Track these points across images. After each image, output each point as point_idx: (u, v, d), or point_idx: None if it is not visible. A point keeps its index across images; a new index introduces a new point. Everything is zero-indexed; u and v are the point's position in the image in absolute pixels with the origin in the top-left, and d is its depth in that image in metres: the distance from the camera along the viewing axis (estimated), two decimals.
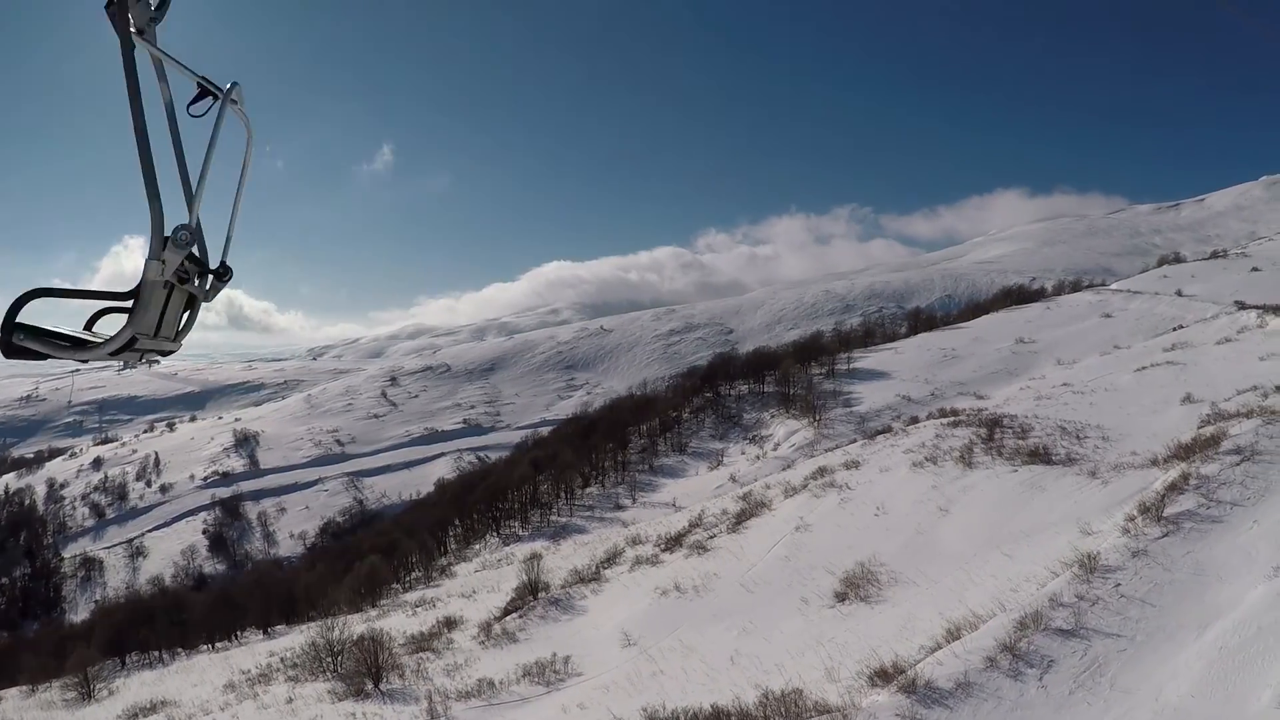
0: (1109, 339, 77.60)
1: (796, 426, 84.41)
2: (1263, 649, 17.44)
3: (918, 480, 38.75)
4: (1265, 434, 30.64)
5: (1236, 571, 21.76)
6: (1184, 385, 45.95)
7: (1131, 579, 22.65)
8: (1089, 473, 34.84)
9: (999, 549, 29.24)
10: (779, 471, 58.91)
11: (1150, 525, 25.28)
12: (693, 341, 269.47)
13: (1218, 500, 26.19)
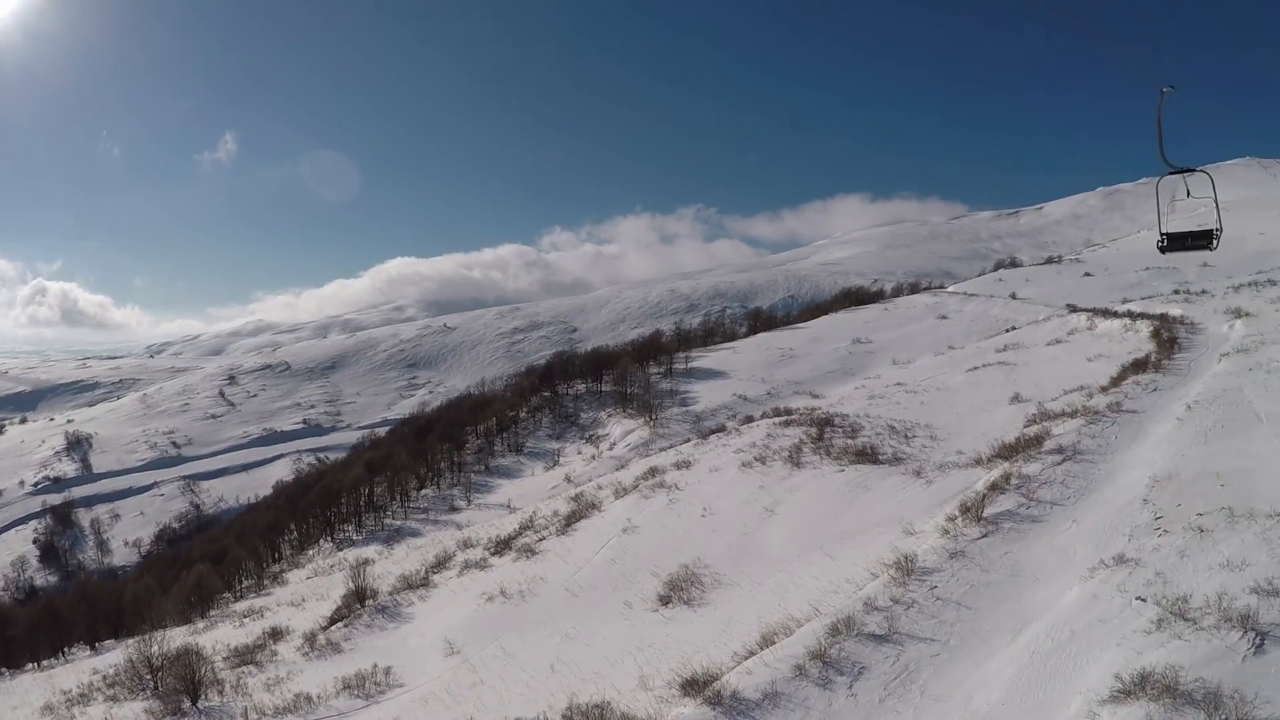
0: (944, 340, 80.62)
1: (632, 426, 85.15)
2: (1075, 653, 17.78)
3: (746, 480, 39.15)
4: (1088, 433, 31.96)
5: (1054, 572, 22.41)
6: (1014, 385, 47.87)
7: (948, 581, 23.05)
8: (914, 472, 35.74)
9: (822, 550, 29.73)
10: (613, 472, 58.84)
11: (970, 526, 25.96)
12: (536, 340, 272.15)
13: (1038, 500, 27.15)
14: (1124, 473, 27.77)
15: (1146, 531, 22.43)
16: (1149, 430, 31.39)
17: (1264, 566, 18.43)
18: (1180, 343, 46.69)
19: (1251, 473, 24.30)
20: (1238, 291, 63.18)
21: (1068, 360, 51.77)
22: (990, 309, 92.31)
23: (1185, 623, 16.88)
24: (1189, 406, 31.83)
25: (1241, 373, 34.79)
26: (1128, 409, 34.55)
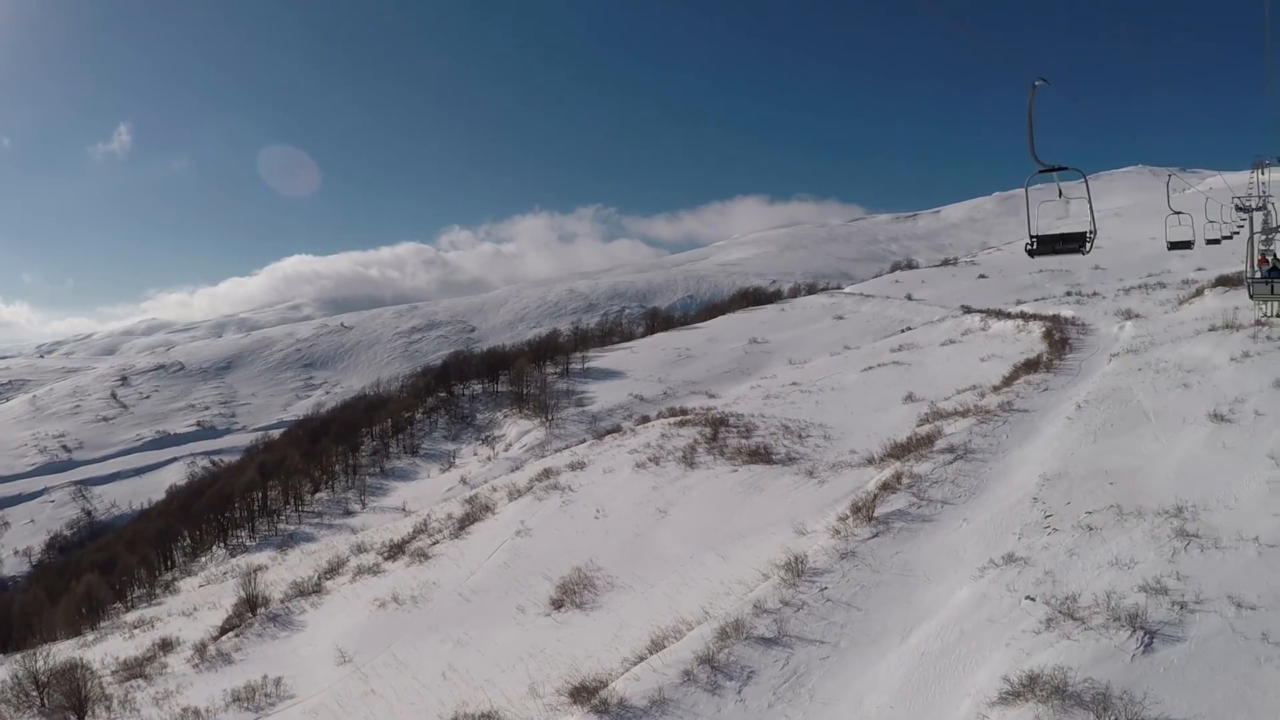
0: (840, 340, 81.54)
1: (529, 427, 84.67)
2: (965, 654, 17.89)
3: (640, 481, 39.01)
4: (979, 432, 32.43)
5: (944, 572, 22.60)
6: (908, 385, 48.54)
7: (839, 582, 23.09)
8: (807, 472, 35.95)
9: (714, 551, 29.75)
10: (508, 473, 58.18)
11: (861, 526, 26.11)
12: (435, 340, 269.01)
13: (929, 499, 27.44)
14: (1015, 471, 28.28)
15: (1036, 530, 22.79)
16: (1040, 429, 32.07)
17: (1152, 564, 18.80)
18: (1071, 343, 47.93)
19: (1140, 471, 24.94)
20: (1128, 294, 65.22)
21: (961, 360, 52.70)
22: (886, 310, 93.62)
23: (1074, 622, 17.10)
24: (1079, 406, 32.58)
25: (1131, 373, 35.73)
26: (1019, 408, 35.28)
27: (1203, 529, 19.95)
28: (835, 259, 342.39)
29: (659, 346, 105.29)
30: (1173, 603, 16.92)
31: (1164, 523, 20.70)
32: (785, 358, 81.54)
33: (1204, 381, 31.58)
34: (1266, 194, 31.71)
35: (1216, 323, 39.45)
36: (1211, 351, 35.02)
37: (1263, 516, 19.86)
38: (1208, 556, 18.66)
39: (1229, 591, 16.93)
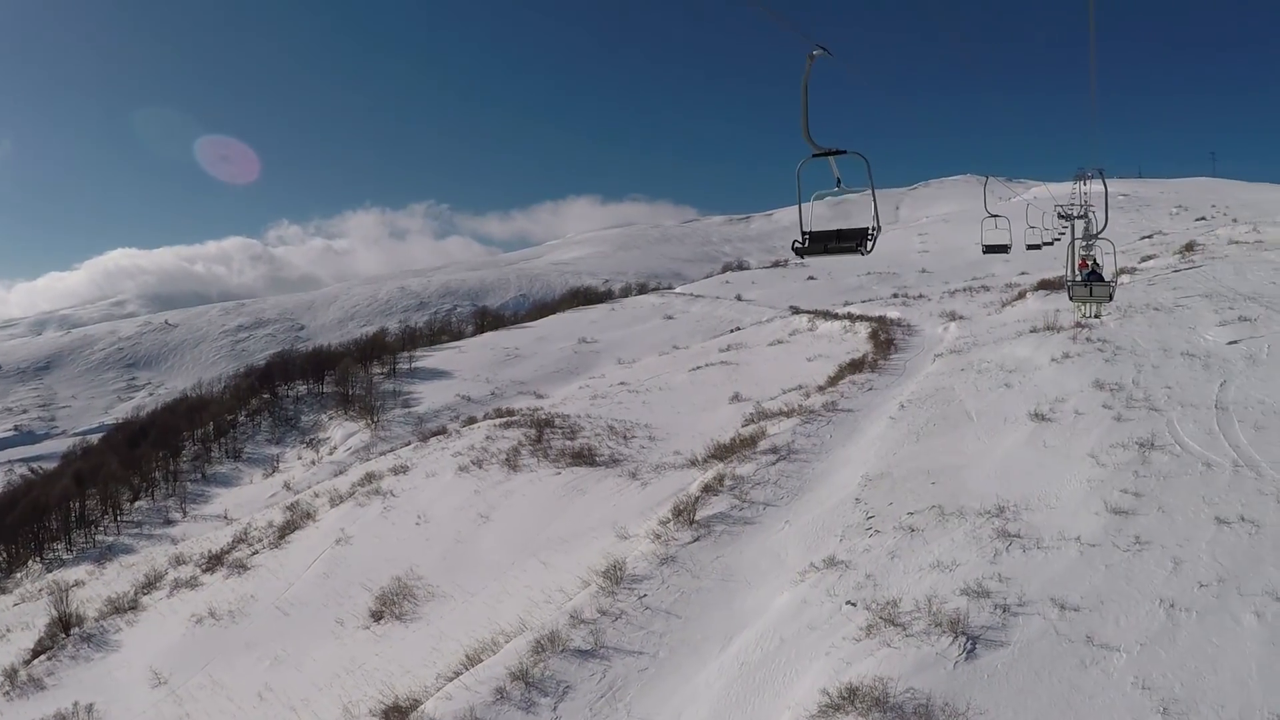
0: (669, 339, 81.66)
1: (354, 429, 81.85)
2: (785, 663, 17.31)
3: (462, 485, 37.68)
4: (803, 432, 32.34)
5: (765, 576, 22.14)
6: (735, 385, 48.41)
7: (659, 589, 22.35)
8: (630, 474, 35.21)
9: (536, 557, 28.85)
10: (331, 478, 55.73)
11: (682, 529, 25.46)
12: (262, 338, 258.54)
13: (751, 501, 27.00)
14: (838, 471, 28.17)
15: (858, 532, 22.53)
16: (863, 429, 32.19)
17: (974, 566, 18.60)
18: (897, 344, 48.76)
19: (962, 470, 25.04)
20: (953, 296, 67.01)
21: (788, 360, 53.01)
22: (716, 310, 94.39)
23: (895, 628, 16.68)
24: (902, 405, 32.84)
25: (954, 373, 36.32)
26: (843, 408, 35.42)
27: (1024, 529, 19.99)
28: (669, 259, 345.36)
29: (488, 346, 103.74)
30: (995, 606, 16.72)
31: (986, 523, 20.69)
32: (614, 357, 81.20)
33: (1025, 382, 32.26)
34: (1088, 203, 32.86)
35: (1038, 324, 40.58)
36: (1033, 352, 35.92)
37: (1084, 515, 20.04)
38: (1030, 557, 18.62)
39: (1052, 593, 16.85)
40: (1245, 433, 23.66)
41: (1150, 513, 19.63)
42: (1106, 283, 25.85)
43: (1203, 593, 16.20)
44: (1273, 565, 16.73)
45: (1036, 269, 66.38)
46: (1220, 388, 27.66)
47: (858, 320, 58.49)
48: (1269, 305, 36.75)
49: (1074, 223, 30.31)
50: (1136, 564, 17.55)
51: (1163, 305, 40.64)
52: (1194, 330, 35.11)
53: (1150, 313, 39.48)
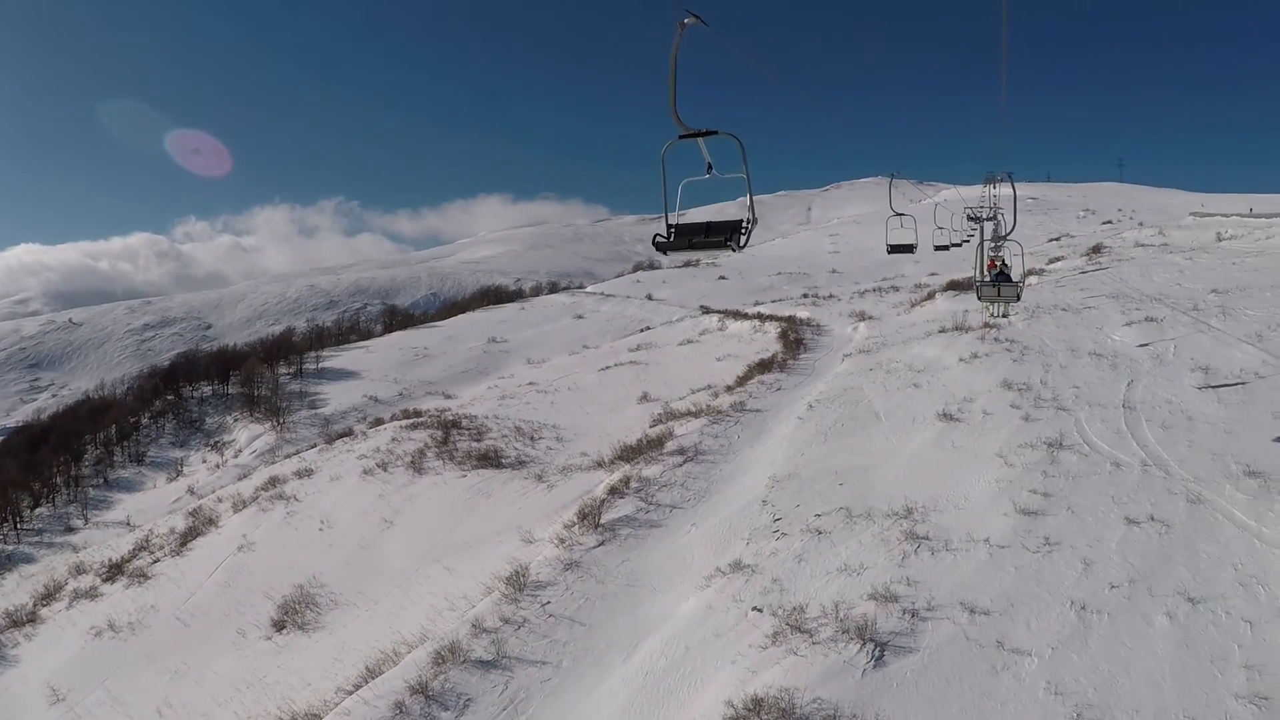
0: (579, 339, 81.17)
1: (260, 431, 79.98)
2: (690, 672, 16.76)
3: (367, 489, 36.78)
4: (710, 433, 31.96)
5: (671, 581, 21.60)
6: (643, 384, 47.98)
7: (562, 595, 21.68)
8: (536, 476, 34.57)
9: (440, 562, 28.14)
10: (235, 482, 54.07)
11: (587, 533, 24.89)
12: (169, 338, 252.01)
13: (658, 503, 26.51)
14: (745, 473, 27.77)
15: (765, 534, 22.09)
16: (772, 429, 31.86)
17: (882, 569, 18.23)
18: (806, 343, 48.68)
19: (869, 471, 24.76)
20: (863, 296, 67.36)
21: (698, 360, 52.72)
22: (626, 309, 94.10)
23: (802, 635, 16.20)
24: (811, 405, 32.58)
25: (863, 372, 36.21)
26: (751, 408, 35.09)
27: (933, 531, 19.70)
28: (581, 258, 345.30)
29: (397, 345, 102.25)
30: (904, 611, 16.31)
31: (894, 525, 20.35)
32: (524, 357, 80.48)
33: (934, 382, 32.22)
34: (997, 206, 33.40)
35: (947, 325, 40.78)
36: (941, 352, 35.98)
37: (992, 516, 19.82)
38: (939, 560, 18.30)
39: (961, 597, 16.52)
40: (1153, 432, 23.73)
41: (1060, 513, 19.48)
42: (1014, 283, 26.24)
43: (1114, 594, 16.02)
44: (1183, 565, 16.61)
45: (946, 270, 67.05)
46: (1128, 387, 27.83)
47: (767, 320, 58.37)
48: (1174, 306, 37.27)
49: (983, 225, 31.13)
50: (1047, 565, 17.33)
51: (1070, 306, 41.05)
52: (1101, 330, 35.46)
53: (1058, 313, 39.87)
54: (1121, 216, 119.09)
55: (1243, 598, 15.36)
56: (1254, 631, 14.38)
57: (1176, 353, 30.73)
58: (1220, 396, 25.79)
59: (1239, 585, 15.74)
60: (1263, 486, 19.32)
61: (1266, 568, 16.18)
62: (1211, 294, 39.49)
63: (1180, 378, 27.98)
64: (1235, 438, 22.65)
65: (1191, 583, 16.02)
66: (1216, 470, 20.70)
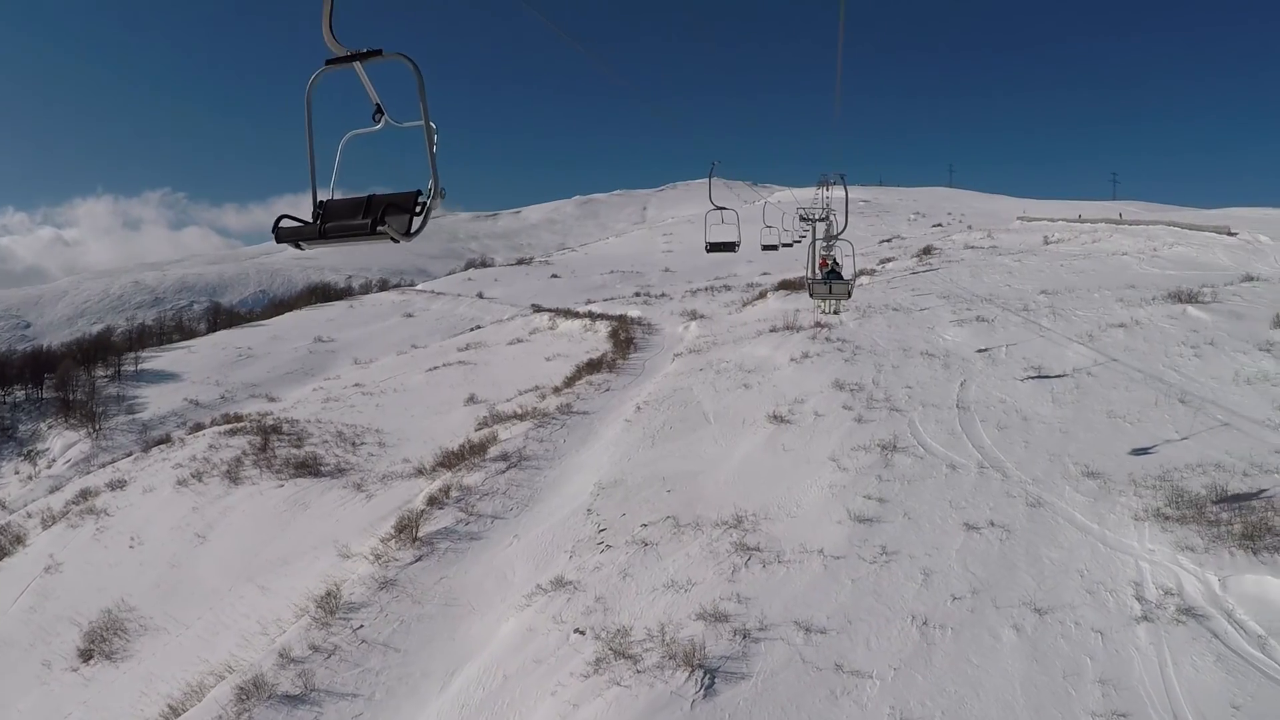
0: (408, 338, 78.78)
1: (75, 438, 74.71)
2: (508, 705, 15.43)
3: (180, 501, 34.19)
4: (535, 437, 30.43)
5: (491, 599, 20.00)
6: (471, 385, 46.15)
7: (376, 618, 19.88)
8: (355, 485, 32.36)
9: (254, 581, 26.06)
10: (47, 495, 49.77)
11: (404, 548, 23.15)
12: None
13: (479, 514, 24.85)
14: (570, 479, 26.34)
15: (589, 546, 20.67)
16: (599, 432, 30.51)
17: (711, 585, 16.92)
18: (637, 343, 47.65)
19: (698, 476, 23.57)
20: (695, 296, 66.89)
21: (527, 360, 51.14)
22: (457, 307, 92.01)
23: (626, 661, 14.77)
24: (639, 407, 31.37)
25: (693, 373, 35.23)
26: (579, 410, 33.68)
27: (764, 541, 18.52)
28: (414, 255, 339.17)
29: (220, 345, 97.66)
30: (735, 631, 15.03)
31: (723, 535, 19.12)
32: (352, 357, 77.62)
33: (765, 382, 31.38)
34: (829, 207, 33.81)
35: (778, 324, 40.28)
36: (772, 352, 35.26)
37: (826, 525, 18.77)
38: (771, 573, 17.09)
39: (796, 615, 15.32)
40: (989, 433, 23.30)
41: (896, 519, 18.60)
42: (845, 281, 26.09)
43: (957, 606, 15.10)
44: (1027, 573, 15.86)
45: (779, 270, 67.12)
46: (961, 387, 27.52)
47: (599, 319, 57.25)
48: (1005, 306, 37.53)
49: (815, 224, 31.17)
50: (885, 577, 16.33)
51: (902, 306, 41.05)
52: (933, 330, 35.41)
53: (890, 313, 39.79)
54: (951, 220, 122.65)
55: (1091, 606, 14.63)
56: (1105, 643, 13.62)
57: (1009, 352, 30.65)
58: (1055, 396, 25.66)
59: (1086, 593, 15.04)
60: (1102, 487, 18.90)
61: (1113, 573, 15.55)
62: (1041, 295, 40.04)
63: (1013, 377, 27.83)
64: (1071, 438, 22.38)
65: (1037, 592, 15.25)
66: (1055, 471, 20.26)
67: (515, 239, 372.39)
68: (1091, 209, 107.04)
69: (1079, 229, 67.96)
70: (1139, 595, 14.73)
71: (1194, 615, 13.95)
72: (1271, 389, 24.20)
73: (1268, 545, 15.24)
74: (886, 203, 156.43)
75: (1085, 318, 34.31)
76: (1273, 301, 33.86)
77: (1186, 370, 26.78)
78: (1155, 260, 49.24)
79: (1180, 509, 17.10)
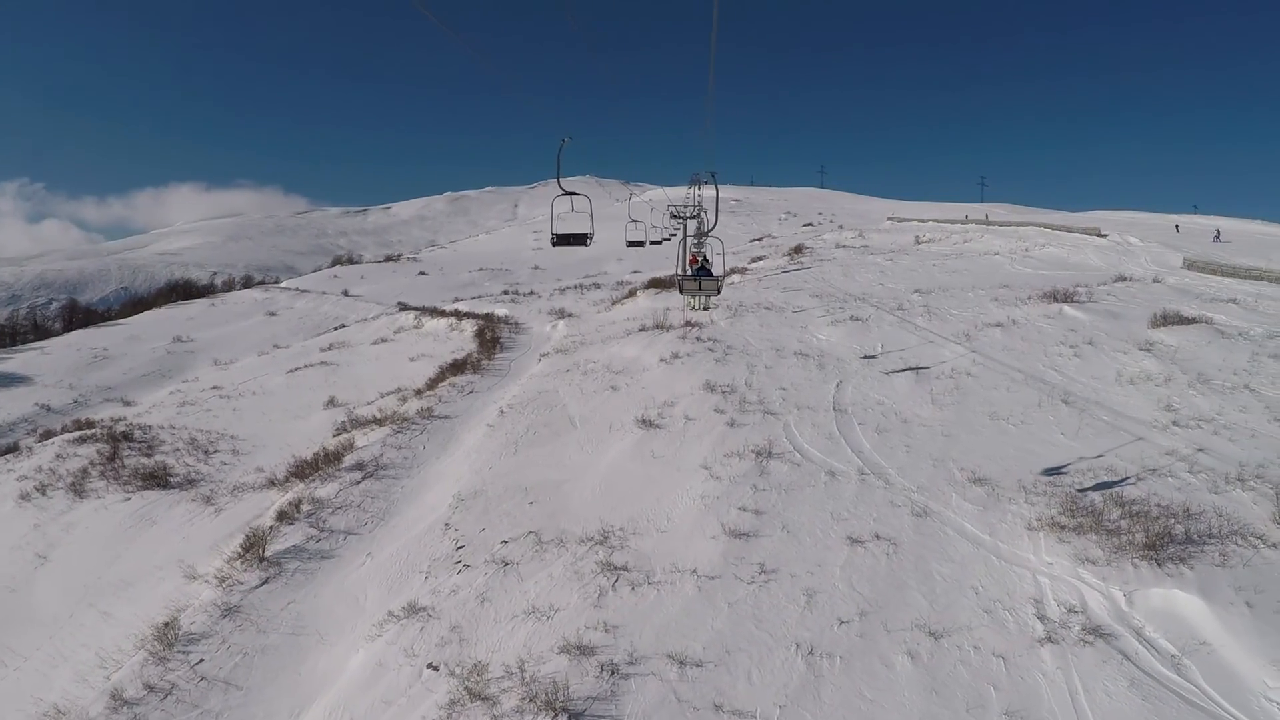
0: (271, 338, 75.27)
1: None
2: None
3: (22, 518, 30.96)
4: (393, 444, 28.32)
5: (342, 627, 18.04)
6: (332, 388, 43.70)
7: (218, 651, 17.80)
8: (205, 498, 29.67)
9: (96, 606, 23.35)
10: None
11: (250, 569, 20.97)
12: None
13: (331, 530, 22.73)
14: (429, 489, 24.37)
15: (446, 566, 18.79)
16: (460, 438, 28.47)
17: (576, 611, 15.25)
18: (503, 342, 45.75)
19: (563, 486, 21.86)
20: (564, 294, 65.19)
21: (391, 360, 48.80)
22: (322, 306, 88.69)
23: (483, 704, 13.05)
24: (503, 411, 29.46)
25: (559, 374, 33.48)
26: (440, 414, 31.57)
27: (633, 560, 16.87)
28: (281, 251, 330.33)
29: (75, 346, 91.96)
30: (602, 666, 13.35)
31: (588, 553, 17.43)
32: (212, 358, 73.83)
33: (633, 384, 29.77)
34: (700, 205, 33.05)
35: (647, 323, 38.79)
36: (641, 352, 33.73)
37: (699, 540, 17.18)
38: (640, 597, 15.44)
39: (669, 645, 13.70)
40: (868, 436, 22.09)
41: (774, 533, 17.11)
42: (715, 278, 25.41)
43: (845, 632, 13.69)
44: (918, 591, 14.54)
45: (650, 268, 65.93)
46: (837, 388, 26.36)
47: (465, 318, 55.06)
48: (879, 305, 36.80)
49: (686, 222, 31.12)
50: (765, 600, 14.82)
51: (774, 305, 40.09)
52: (806, 330, 34.41)
53: (762, 312, 38.74)
54: (822, 219, 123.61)
55: (990, 628, 13.42)
56: (1009, 669, 12.40)
57: (884, 351, 29.71)
58: (934, 397, 24.68)
59: (984, 612, 13.85)
60: (991, 495, 17.79)
61: (1010, 589, 14.40)
62: (915, 294, 39.49)
63: (892, 378, 26.81)
64: (954, 441, 21.33)
65: (930, 613, 13.97)
66: (939, 477, 19.10)
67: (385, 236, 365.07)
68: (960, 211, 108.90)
69: (950, 229, 68.49)
70: (1040, 614, 13.57)
71: (1102, 635, 12.84)
72: (1155, 389, 23.71)
73: (1172, 556, 14.27)
74: (758, 202, 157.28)
75: (961, 317, 33.74)
76: (1147, 301, 33.90)
77: (1067, 370, 26.21)
78: (1027, 260, 49.58)
79: (1076, 517, 16.06)
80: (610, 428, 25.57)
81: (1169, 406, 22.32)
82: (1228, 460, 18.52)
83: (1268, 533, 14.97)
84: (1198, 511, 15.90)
